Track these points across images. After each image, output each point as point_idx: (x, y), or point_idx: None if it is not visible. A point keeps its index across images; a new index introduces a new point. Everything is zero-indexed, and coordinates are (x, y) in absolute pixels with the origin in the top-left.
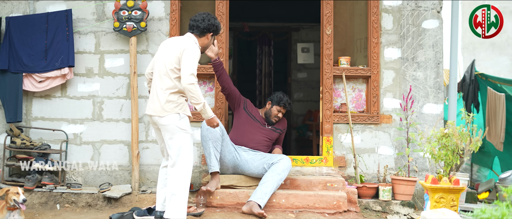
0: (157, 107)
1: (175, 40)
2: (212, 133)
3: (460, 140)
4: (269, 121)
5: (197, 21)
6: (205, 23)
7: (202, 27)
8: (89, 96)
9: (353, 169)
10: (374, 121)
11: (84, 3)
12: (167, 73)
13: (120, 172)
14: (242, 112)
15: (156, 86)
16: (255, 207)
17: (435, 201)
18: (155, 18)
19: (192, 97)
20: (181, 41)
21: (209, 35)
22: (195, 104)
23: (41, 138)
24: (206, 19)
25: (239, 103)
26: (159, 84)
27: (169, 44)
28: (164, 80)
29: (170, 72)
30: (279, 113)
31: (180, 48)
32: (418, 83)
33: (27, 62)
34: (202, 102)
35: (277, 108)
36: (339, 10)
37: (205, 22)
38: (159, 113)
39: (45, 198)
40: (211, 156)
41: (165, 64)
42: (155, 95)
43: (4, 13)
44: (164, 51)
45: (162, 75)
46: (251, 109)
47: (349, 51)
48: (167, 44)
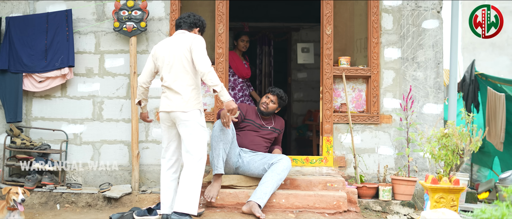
0: (180, 103)
1: (175, 40)
2: (225, 135)
3: (460, 140)
4: (261, 111)
5: (183, 18)
6: (191, 19)
7: (189, 22)
8: (89, 96)
9: (353, 169)
10: (374, 121)
11: (84, 3)
12: (186, 70)
13: (120, 172)
14: (244, 122)
15: (172, 84)
16: (255, 207)
17: (435, 201)
18: (155, 18)
19: (211, 81)
20: (182, 37)
21: (196, 30)
22: (214, 86)
23: (41, 138)
24: (192, 16)
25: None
26: (178, 81)
27: (170, 45)
28: (183, 77)
29: (188, 68)
30: (267, 99)
31: (186, 43)
32: (418, 83)
33: (27, 62)
34: (220, 84)
35: (266, 96)
36: (339, 10)
37: (191, 18)
38: (183, 108)
39: (45, 198)
40: (220, 157)
41: (181, 62)
42: (173, 92)
43: (4, 13)
44: (170, 52)
45: (179, 73)
46: (250, 115)
47: (349, 51)
48: (168, 46)
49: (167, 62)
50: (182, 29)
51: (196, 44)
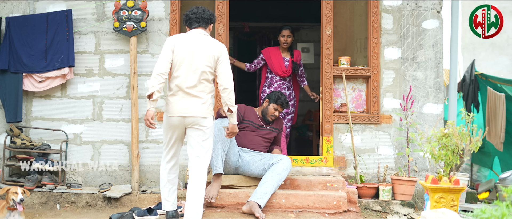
0: (200, 109)
1: (199, 42)
2: (223, 135)
3: (460, 140)
4: (266, 120)
5: (198, 13)
6: (206, 14)
7: (206, 18)
8: (89, 96)
9: (353, 169)
10: (374, 121)
11: (84, 3)
12: (207, 76)
13: (120, 172)
14: (242, 123)
15: (193, 89)
16: (255, 207)
17: (435, 201)
18: (155, 18)
19: (231, 100)
20: (206, 42)
21: (211, 26)
22: (232, 106)
23: (41, 138)
24: (206, 10)
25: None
26: (200, 87)
27: (195, 47)
28: (205, 84)
29: (209, 75)
30: (276, 111)
31: (213, 51)
32: (418, 83)
33: (27, 62)
34: (235, 105)
35: (274, 106)
36: (339, 10)
37: (206, 13)
38: (204, 114)
39: (45, 198)
40: (218, 157)
41: (206, 68)
42: (192, 97)
43: (4, 13)
44: (194, 55)
45: (202, 79)
46: (248, 116)
47: (349, 51)
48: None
49: (190, 63)
50: (200, 26)
51: (225, 56)
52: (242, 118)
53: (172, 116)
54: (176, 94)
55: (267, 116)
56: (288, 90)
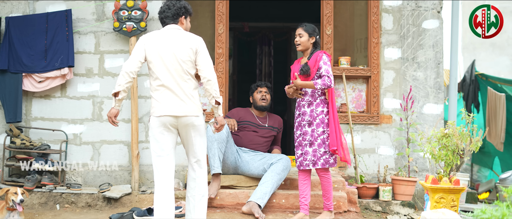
0: (192, 107)
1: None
2: (219, 134)
3: (460, 140)
4: (260, 107)
5: (164, 12)
6: (172, 10)
7: (172, 14)
8: (89, 96)
9: (353, 169)
10: (374, 121)
11: (84, 3)
12: (189, 72)
13: (120, 172)
14: (241, 124)
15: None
16: (255, 207)
17: (435, 201)
18: (155, 18)
19: (216, 91)
20: (180, 36)
21: (182, 18)
22: (217, 97)
23: (41, 138)
24: (171, 6)
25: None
26: (184, 84)
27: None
28: (187, 80)
29: (192, 71)
30: (260, 93)
31: (190, 44)
32: (418, 83)
33: (27, 62)
34: (220, 97)
35: (256, 93)
36: (339, 10)
37: (171, 9)
38: (196, 112)
39: (45, 198)
40: (215, 157)
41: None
42: (178, 95)
43: (4, 13)
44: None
45: (184, 75)
46: (245, 117)
47: (349, 51)
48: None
49: (167, 61)
50: (172, 22)
51: (203, 47)
52: (239, 119)
53: (162, 115)
54: (161, 94)
55: (258, 103)
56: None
